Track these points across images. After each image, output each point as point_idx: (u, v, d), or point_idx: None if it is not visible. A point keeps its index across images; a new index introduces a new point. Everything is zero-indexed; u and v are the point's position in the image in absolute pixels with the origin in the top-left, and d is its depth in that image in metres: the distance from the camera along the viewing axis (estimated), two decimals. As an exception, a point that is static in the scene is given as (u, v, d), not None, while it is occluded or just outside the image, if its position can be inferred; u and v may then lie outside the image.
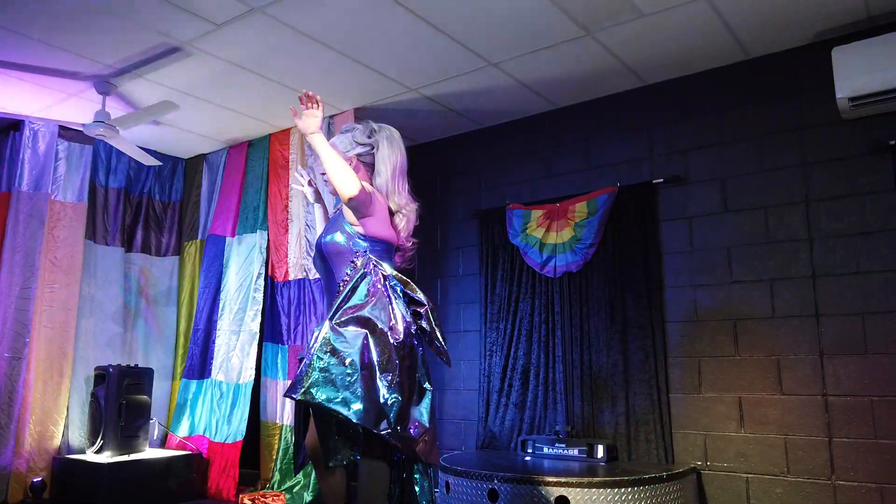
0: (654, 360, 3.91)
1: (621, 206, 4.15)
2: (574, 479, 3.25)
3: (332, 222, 2.61)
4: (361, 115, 4.61)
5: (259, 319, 4.77)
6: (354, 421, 2.21)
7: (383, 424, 2.24)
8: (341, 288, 2.44)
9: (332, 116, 4.68)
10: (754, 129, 3.82)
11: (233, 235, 5.10)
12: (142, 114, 4.20)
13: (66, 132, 4.80)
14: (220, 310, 5.00)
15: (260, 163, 5.07)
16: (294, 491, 4.29)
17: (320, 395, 2.21)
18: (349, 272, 2.45)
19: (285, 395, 2.30)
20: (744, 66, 3.91)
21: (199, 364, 4.98)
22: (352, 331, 2.31)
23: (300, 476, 4.35)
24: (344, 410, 2.20)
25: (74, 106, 4.51)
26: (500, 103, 4.51)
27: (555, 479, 3.27)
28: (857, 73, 3.29)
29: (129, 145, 4.46)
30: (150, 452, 4.61)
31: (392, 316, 2.38)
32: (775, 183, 3.72)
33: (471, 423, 4.63)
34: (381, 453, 2.38)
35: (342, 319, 2.33)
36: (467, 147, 5.03)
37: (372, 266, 2.45)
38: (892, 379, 3.28)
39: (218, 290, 5.06)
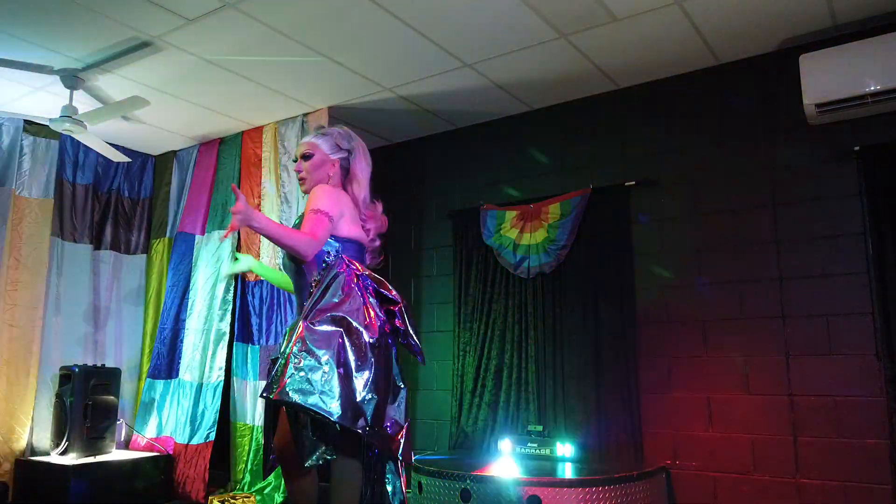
0: (625, 360, 3.95)
1: (594, 207, 4.19)
2: (546, 479, 3.27)
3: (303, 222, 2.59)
4: (335, 113, 4.58)
5: (229, 319, 4.71)
6: (333, 420, 2.20)
7: (360, 422, 2.23)
8: (313, 288, 2.42)
9: (306, 115, 4.64)
10: (724, 133, 3.88)
11: (202, 233, 5.03)
12: (110, 109, 4.12)
13: (31, 126, 4.70)
14: (188, 309, 4.93)
15: (231, 161, 5.01)
16: (265, 492, 4.25)
17: (297, 395, 2.20)
18: (321, 272, 2.43)
19: (261, 396, 2.28)
20: (714, 71, 3.97)
21: (167, 364, 4.90)
22: (327, 330, 2.30)
23: (271, 477, 4.31)
24: (321, 410, 2.19)
25: (40, 100, 4.41)
26: (474, 104, 4.52)
27: (527, 479, 3.29)
28: (824, 79, 3.37)
29: (96, 141, 4.38)
30: (116, 454, 4.53)
31: (366, 315, 2.37)
32: (744, 187, 3.78)
33: (443, 422, 4.63)
34: (354, 453, 2.37)
35: (317, 319, 2.31)
36: (442, 147, 5.03)
37: (345, 265, 2.44)
38: (855, 379, 3.36)
39: (186, 289, 4.98)
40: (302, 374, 2.22)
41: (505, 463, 3.80)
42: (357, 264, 2.48)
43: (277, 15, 3.43)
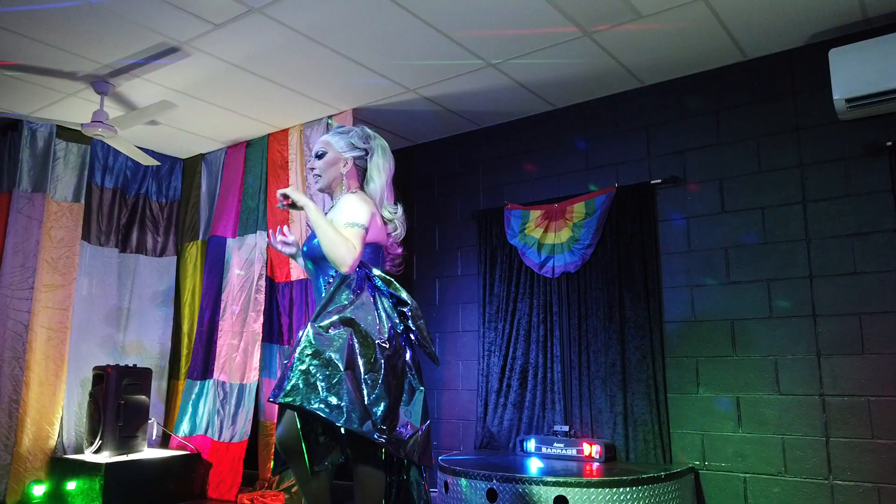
0: (651, 360, 3.92)
1: (619, 206, 4.16)
2: (572, 479, 3.26)
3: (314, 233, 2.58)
4: (360, 115, 4.61)
5: (261, 320, 4.77)
6: (337, 424, 2.18)
7: (367, 425, 2.20)
8: (325, 289, 2.42)
9: (330, 117, 4.68)
10: (751, 130, 3.84)
11: (234, 236, 5.10)
12: (140, 114, 4.19)
13: (63, 132, 4.79)
14: (221, 311, 5.00)
15: (258, 163, 5.08)
16: (293, 491, 4.30)
17: (301, 398, 2.18)
18: (334, 273, 2.43)
19: (269, 400, 2.27)
20: (741, 67, 3.92)
21: (202, 365, 4.98)
22: (334, 332, 2.29)
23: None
24: (326, 413, 2.17)
25: (72, 106, 4.50)
26: (498, 104, 4.52)
27: (553, 479, 3.28)
28: (854, 74, 3.31)
29: (127, 145, 4.46)
30: (148, 452, 4.61)
31: (376, 316, 2.36)
32: (772, 184, 3.73)
33: (469, 423, 4.64)
34: (374, 457, 2.35)
35: (325, 321, 2.30)
36: (466, 147, 5.04)
37: (358, 267, 2.43)
38: (888, 379, 3.30)
39: (220, 292, 5.06)
40: (307, 376, 2.20)
41: (531, 463, 3.79)
42: (370, 266, 2.47)
43: (302, 18, 3.47)
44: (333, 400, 2.19)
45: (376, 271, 2.48)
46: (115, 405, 4.44)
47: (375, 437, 2.22)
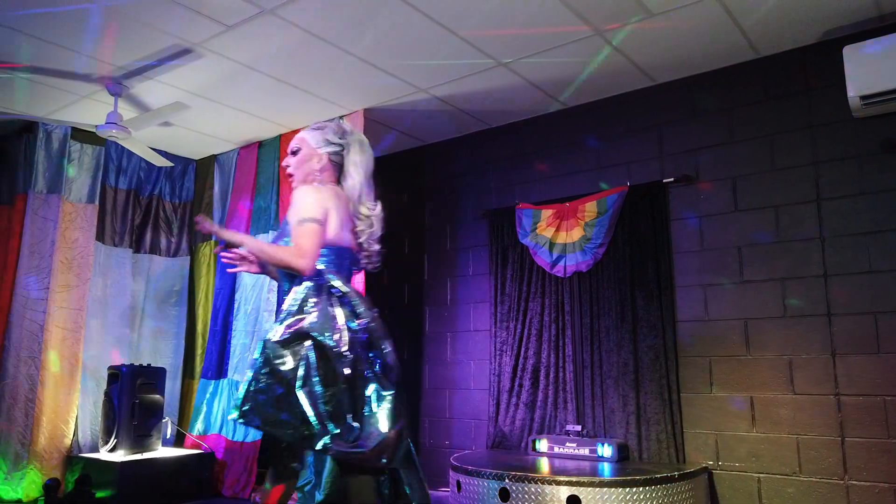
0: (664, 359, 3.91)
1: (631, 205, 4.15)
2: (585, 479, 3.26)
3: (281, 231, 2.52)
4: (371, 115, 4.63)
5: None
6: (294, 443, 2.16)
7: (325, 441, 2.14)
8: (286, 296, 2.35)
9: (342, 117, 4.69)
10: (765, 127, 3.81)
11: (247, 236, 5.13)
12: (153, 115, 4.22)
13: (78, 133, 4.84)
14: (235, 311, 5.04)
15: (270, 163, 5.11)
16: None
17: (258, 417, 2.14)
18: (295, 283, 2.35)
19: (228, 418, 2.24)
20: (754, 64, 3.90)
21: (217, 364, 5.02)
22: (291, 347, 2.21)
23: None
24: (281, 432, 2.14)
25: (87, 107, 4.54)
26: (509, 103, 4.52)
27: (566, 479, 3.28)
28: (869, 71, 3.28)
29: (140, 146, 4.50)
30: (163, 451, 4.65)
31: (335, 328, 2.26)
32: (786, 182, 3.71)
33: (481, 422, 4.64)
34: (348, 465, 2.30)
35: (281, 336, 2.23)
36: (477, 147, 5.04)
37: (316, 277, 2.34)
38: (904, 378, 3.27)
39: (233, 291, 5.10)
40: (263, 394, 2.16)
41: (543, 462, 3.79)
42: (330, 275, 2.37)
43: (314, 19, 3.48)
44: (289, 418, 2.14)
45: (335, 281, 2.37)
46: (130, 404, 4.48)
47: (333, 453, 2.18)
